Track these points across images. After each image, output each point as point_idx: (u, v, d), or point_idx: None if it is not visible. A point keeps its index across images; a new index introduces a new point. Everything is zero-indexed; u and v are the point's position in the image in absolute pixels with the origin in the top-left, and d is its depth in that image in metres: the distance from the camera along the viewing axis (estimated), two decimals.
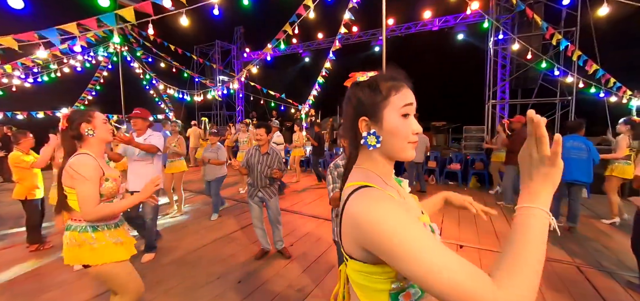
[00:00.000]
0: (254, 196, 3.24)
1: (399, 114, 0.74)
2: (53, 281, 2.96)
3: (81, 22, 3.25)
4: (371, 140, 0.75)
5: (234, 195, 6.32)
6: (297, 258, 3.42)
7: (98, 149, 1.74)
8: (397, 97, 0.74)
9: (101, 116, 1.77)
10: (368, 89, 0.77)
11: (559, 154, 0.61)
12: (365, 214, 0.65)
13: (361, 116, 0.77)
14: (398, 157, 0.78)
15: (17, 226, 4.47)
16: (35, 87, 8.73)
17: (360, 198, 0.69)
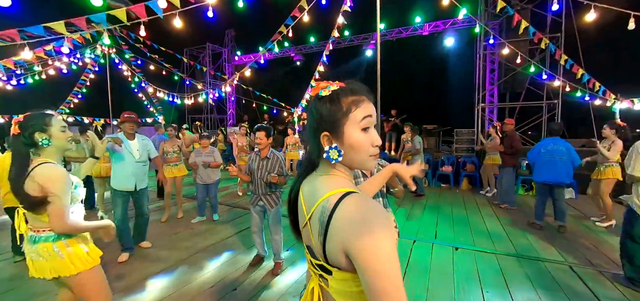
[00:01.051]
0: (255, 204, 3.13)
1: (359, 129, 0.75)
2: (35, 291, 2.83)
3: (70, 20, 3.14)
4: (333, 154, 0.76)
5: (226, 199, 6.22)
6: (294, 264, 3.37)
7: (57, 158, 1.65)
8: (357, 112, 0.75)
9: (60, 122, 1.64)
10: (329, 103, 0.77)
11: None
12: (368, 225, 0.64)
13: (323, 131, 0.78)
14: (359, 168, 0.80)
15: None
16: (17, 90, 8.42)
17: (357, 204, 0.69)
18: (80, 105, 10.68)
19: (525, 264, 3.33)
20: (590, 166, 4.77)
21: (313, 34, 12.03)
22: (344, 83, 0.81)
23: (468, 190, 7.17)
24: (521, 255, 3.54)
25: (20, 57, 6.55)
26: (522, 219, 4.83)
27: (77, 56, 8.33)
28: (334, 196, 0.72)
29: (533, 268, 3.25)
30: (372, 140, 0.77)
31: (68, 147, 1.65)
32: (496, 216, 5.09)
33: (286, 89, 13.15)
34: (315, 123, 0.80)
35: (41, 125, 1.56)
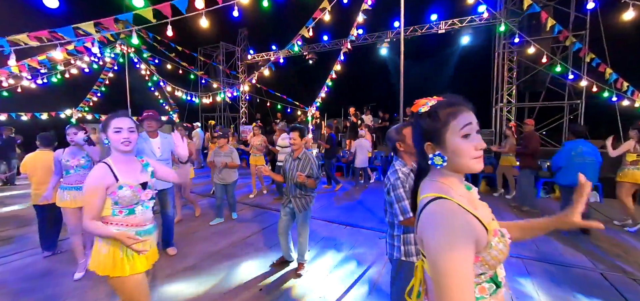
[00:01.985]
0: (286, 206, 3.11)
1: (460, 136, 0.86)
2: (68, 288, 2.89)
3: (99, 21, 3.20)
4: (437, 160, 0.89)
5: (246, 198, 6.26)
6: (316, 264, 3.36)
7: (118, 156, 1.66)
8: (455, 122, 0.86)
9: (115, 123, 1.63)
10: (428, 118, 0.91)
11: None
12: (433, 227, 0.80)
13: (427, 142, 0.92)
14: (466, 171, 0.90)
15: (30, 231, 4.40)
16: (39, 89, 8.65)
17: (435, 208, 0.83)
18: (99, 103, 10.93)
19: (555, 270, 3.23)
20: (616, 170, 4.65)
21: (327, 32, 11.97)
22: (442, 97, 0.93)
23: (486, 192, 7.02)
24: (550, 261, 3.43)
25: (44, 57, 6.74)
26: None
27: (98, 55, 8.51)
28: (427, 199, 0.86)
29: (564, 275, 3.14)
30: (475, 144, 0.86)
31: (120, 148, 1.63)
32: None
33: (298, 88, 13.17)
34: (419, 136, 0.95)
35: (105, 126, 1.65)
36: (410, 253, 1.86)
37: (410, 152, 1.89)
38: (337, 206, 5.75)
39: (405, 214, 1.74)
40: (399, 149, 1.90)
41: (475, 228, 0.80)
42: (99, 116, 11.38)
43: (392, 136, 1.92)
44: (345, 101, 12.32)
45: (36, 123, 9.53)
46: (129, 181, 1.64)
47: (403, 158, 1.90)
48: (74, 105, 10.74)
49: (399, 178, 1.80)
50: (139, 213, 1.69)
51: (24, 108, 9.27)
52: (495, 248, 0.83)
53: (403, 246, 1.86)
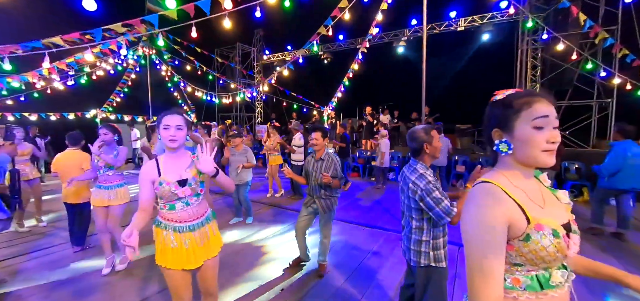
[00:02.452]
0: (309, 206, 3.08)
1: (531, 126, 0.84)
2: (96, 283, 2.98)
3: (127, 22, 3.29)
4: (503, 147, 0.89)
5: (263, 198, 6.30)
6: (338, 264, 3.32)
7: (167, 152, 1.76)
8: (529, 112, 0.84)
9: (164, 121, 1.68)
10: (501, 105, 0.91)
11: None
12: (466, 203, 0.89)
13: (494, 128, 0.92)
14: (534, 163, 0.88)
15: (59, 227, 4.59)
16: (66, 90, 9.00)
17: (473, 190, 0.90)
18: (122, 104, 11.30)
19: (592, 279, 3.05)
20: None
21: (342, 31, 11.91)
22: (521, 89, 0.91)
23: None
24: None
25: (72, 60, 7.01)
26: None
27: (125, 55, 8.80)
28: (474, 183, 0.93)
29: (599, 282, 2.97)
30: (547, 137, 0.83)
31: (167, 145, 1.70)
32: None
33: (312, 88, 13.15)
34: (487, 121, 0.96)
35: (158, 123, 1.73)
36: (440, 258, 1.81)
37: (434, 155, 1.85)
38: (356, 207, 5.70)
39: (450, 214, 1.68)
40: (425, 151, 1.83)
41: (510, 210, 0.82)
42: (121, 116, 11.77)
43: (420, 136, 1.83)
44: (359, 100, 12.22)
45: (64, 123, 9.96)
46: (168, 177, 1.67)
47: (425, 161, 1.85)
48: (99, 106, 11.15)
49: (429, 181, 1.73)
50: (178, 210, 1.70)
51: (52, 109, 9.71)
52: (535, 242, 0.81)
53: (432, 251, 1.80)
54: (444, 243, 1.83)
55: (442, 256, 1.80)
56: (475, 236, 0.82)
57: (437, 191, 1.70)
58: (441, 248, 1.80)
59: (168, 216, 1.71)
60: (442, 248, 1.80)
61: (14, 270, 3.24)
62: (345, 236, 4.16)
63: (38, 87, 7.41)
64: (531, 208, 0.84)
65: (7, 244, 3.91)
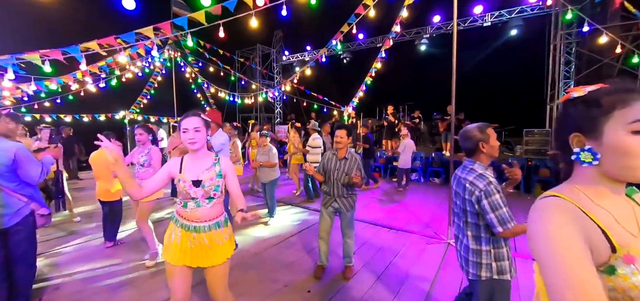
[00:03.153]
0: (328, 206, 2.99)
1: (628, 131, 0.66)
2: (128, 277, 3.06)
3: (157, 26, 3.38)
4: (585, 157, 0.71)
5: (285, 198, 6.31)
6: (364, 267, 3.24)
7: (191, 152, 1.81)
8: (624, 112, 0.66)
9: (182, 126, 1.75)
10: (583, 104, 0.73)
11: None
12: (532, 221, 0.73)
13: (573, 132, 0.74)
14: (628, 178, 0.70)
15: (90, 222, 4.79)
16: (97, 92, 9.43)
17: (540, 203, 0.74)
18: (148, 105, 11.74)
19: None
20: None
21: (362, 30, 11.75)
22: (609, 83, 0.72)
23: None
24: None
25: (103, 63, 7.34)
26: None
27: (149, 60, 9.15)
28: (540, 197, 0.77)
29: None
30: None
31: (188, 147, 1.77)
32: None
33: (331, 88, 13.08)
34: (563, 126, 0.77)
35: (178, 127, 1.83)
36: (504, 269, 1.63)
37: (491, 154, 1.70)
38: (379, 208, 5.58)
39: (505, 225, 1.52)
40: (482, 150, 1.69)
41: (590, 232, 0.67)
42: (147, 117, 12.22)
43: (474, 135, 1.70)
44: (378, 100, 12.00)
45: (95, 124, 10.47)
46: (186, 176, 1.74)
47: (482, 161, 1.71)
48: (127, 107, 11.64)
49: (490, 182, 1.57)
50: (189, 208, 1.75)
51: (85, 110, 10.23)
52: (622, 278, 0.64)
53: (495, 262, 1.63)
54: (508, 253, 1.65)
55: (506, 267, 1.63)
56: (552, 252, 0.66)
57: (498, 195, 1.55)
58: (506, 259, 1.63)
59: (180, 213, 1.78)
60: (507, 259, 1.63)
61: (53, 263, 3.40)
62: (369, 238, 4.07)
63: (73, 89, 7.81)
64: (619, 234, 0.67)
65: (44, 237, 4.10)
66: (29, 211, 2.29)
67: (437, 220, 4.84)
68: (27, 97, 6.84)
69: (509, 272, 1.63)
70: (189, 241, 1.74)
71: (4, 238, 2.22)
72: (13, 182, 2.21)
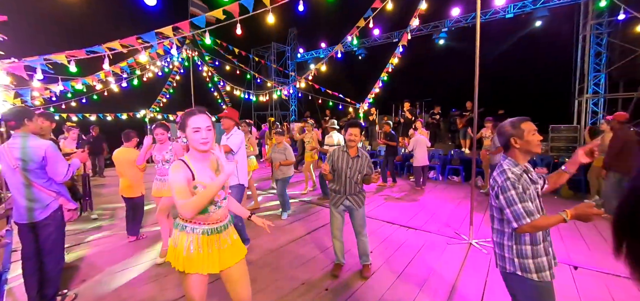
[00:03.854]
0: (338, 204, 2.93)
1: None
2: (150, 272, 3.14)
3: (176, 25, 3.43)
4: None
5: (299, 195, 6.31)
6: (383, 266, 3.18)
7: (196, 154, 1.64)
8: None
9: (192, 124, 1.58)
10: None
11: None
12: None
13: None
14: None
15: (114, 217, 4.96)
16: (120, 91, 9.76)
17: None
18: (167, 104, 12.07)
19: None
20: None
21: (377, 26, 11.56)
22: None
23: (570, 196, 6.09)
24: None
25: (125, 64, 7.57)
26: None
27: (168, 60, 9.39)
28: None
29: None
30: None
31: (200, 148, 1.63)
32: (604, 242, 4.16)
33: (345, 84, 12.97)
34: None
35: (183, 124, 1.66)
36: (527, 268, 1.56)
37: (527, 150, 1.62)
38: (396, 206, 5.47)
39: (519, 220, 1.50)
40: (514, 146, 1.63)
41: None
42: (166, 116, 12.56)
43: (506, 130, 1.65)
44: (393, 96, 11.78)
45: (118, 122, 10.86)
46: (203, 181, 1.60)
47: (516, 156, 1.64)
48: (147, 106, 12.01)
49: (508, 178, 1.55)
50: (211, 212, 1.65)
51: (108, 109, 10.63)
52: None
53: (517, 259, 1.59)
54: (534, 251, 1.56)
55: (531, 266, 1.55)
56: None
57: (514, 191, 1.51)
58: (530, 257, 1.56)
59: (199, 219, 1.62)
60: (532, 257, 1.56)
61: (79, 256, 3.53)
62: (387, 237, 3.99)
63: (97, 89, 8.12)
64: None
65: (71, 231, 4.27)
66: (58, 206, 2.38)
67: (457, 219, 4.69)
68: (55, 97, 7.16)
69: (535, 272, 1.54)
70: (215, 244, 1.66)
71: (34, 231, 2.32)
72: (43, 178, 2.30)
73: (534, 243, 1.58)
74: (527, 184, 1.55)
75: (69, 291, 2.75)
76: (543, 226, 1.50)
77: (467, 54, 11.10)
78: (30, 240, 2.34)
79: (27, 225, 2.29)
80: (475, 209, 5.05)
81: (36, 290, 2.40)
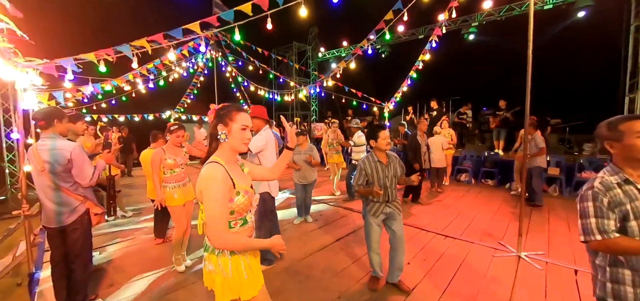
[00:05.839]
0: (379, 214, 2.66)
1: None
2: (177, 277, 3.02)
3: (204, 20, 3.32)
4: None
5: (323, 198, 6.10)
6: (425, 279, 2.89)
7: (229, 155, 1.43)
8: None
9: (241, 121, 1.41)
10: None
11: None
12: None
13: None
14: None
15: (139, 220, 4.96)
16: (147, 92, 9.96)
17: None
18: (191, 105, 12.25)
19: None
20: None
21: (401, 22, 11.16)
22: None
23: None
24: None
25: (152, 65, 7.68)
26: None
27: (193, 60, 9.49)
28: None
29: None
30: None
31: (241, 148, 1.42)
32: None
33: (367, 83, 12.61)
34: None
35: (227, 117, 1.40)
36: (622, 295, 1.27)
37: (630, 156, 1.31)
38: (426, 212, 5.13)
39: (587, 235, 1.32)
40: (610, 150, 1.35)
41: None
42: (190, 117, 12.76)
43: (600, 133, 1.41)
44: (420, 95, 11.28)
45: (145, 123, 11.13)
46: (243, 186, 1.39)
47: (618, 164, 1.34)
48: (172, 107, 12.24)
49: (592, 187, 1.33)
50: (250, 222, 1.45)
51: (135, 110, 10.91)
52: None
53: (610, 283, 1.31)
54: (634, 279, 1.27)
55: (627, 294, 1.26)
56: None
57: (591, 204, 1.32)
58: (628, 284, 1.27)
59: (241, 234, 1.42)
60: (632, 285, 1.26)
61: (106, 259, 3.49)
62: (424, 246, 3.68)
63: (126, 90, 8.32)
64: None
65: (98, 235, 4.26)
66: (85, 210, 2.29)
67: (499, 228, 4.29)
68: (87, 98, 7.37)
69: None
70: (252, 259, 1.47)
71: (62, 235, 2.24)
72: (69, 182, 2.21)
73: (632, 268, 1.27)
74: (621, 200, 1.26)
75: (97, 299, 2.67)
76: (625, 248, 1.25)
77: (500, 49, 10.51)
78: (59, 244, 2.27)
79: (55, 229, 2.22)
80: (515, 216, 4.64)
81: (65, 294, 2.33)
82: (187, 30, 3.44)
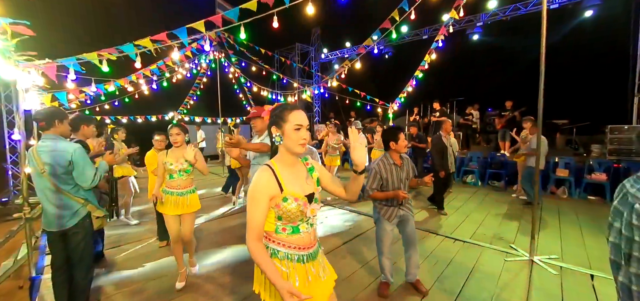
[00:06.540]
0: (393, 217, 2.58)
1: None
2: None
3: (209, 19, 3.26)
4: None
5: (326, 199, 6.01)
6: (436, 285, 2.80)
7: (286, 158, 1.33)
8: None
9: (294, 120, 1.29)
10: None
11: None
12: None
13: None
14: None
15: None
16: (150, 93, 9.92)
17: None
18: (195, 106, 12.21)
19: None
20: None
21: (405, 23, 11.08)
22: None
23: None
24: None
25: (155, 66, 7.64)
26: None
27: (196, 61, 9.46)
28: None
29: None
30: None
31: (297, 150, 1.29)
32: None
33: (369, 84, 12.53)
34: None
35: (280, 118, 1.31)
36: None
37: None
38: (434, 214, 5.03)
39: None
40: None
41: None
42: (193, 118, 12.71)
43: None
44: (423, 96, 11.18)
45: (148, 125, 11.09)
46: (294, 192, 1.29)
47: None
48: (175, 108, 12.20)
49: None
50: (303, 232, 1.32)
51: (138, 112, 10.89)
52: None
53: None
54: None
55: None
56: None
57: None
58: None
59: (290, 243, 1.30)
60: None
61: (109, 263, 3.42)
62: (433, 250, 3.59)
63: (129, 91, 8.29)
64: None
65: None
66: (86, 213, 2.22)
67: (508, 230, 4.19)
68: (90, 99, 7.34)
69: None
70: (309, 276, 1.32)
71: (64, 240, 2.17)
72: (70, 184, 2.14)
73: None
74: None
75: None
76: None
77: (505, 49, 10.39)
78: (60, 249, 2.20)
79: (56, 233, 2.15)
80: (524, 220, 4.54)
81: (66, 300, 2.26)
82: (191, 30, 3.39)
